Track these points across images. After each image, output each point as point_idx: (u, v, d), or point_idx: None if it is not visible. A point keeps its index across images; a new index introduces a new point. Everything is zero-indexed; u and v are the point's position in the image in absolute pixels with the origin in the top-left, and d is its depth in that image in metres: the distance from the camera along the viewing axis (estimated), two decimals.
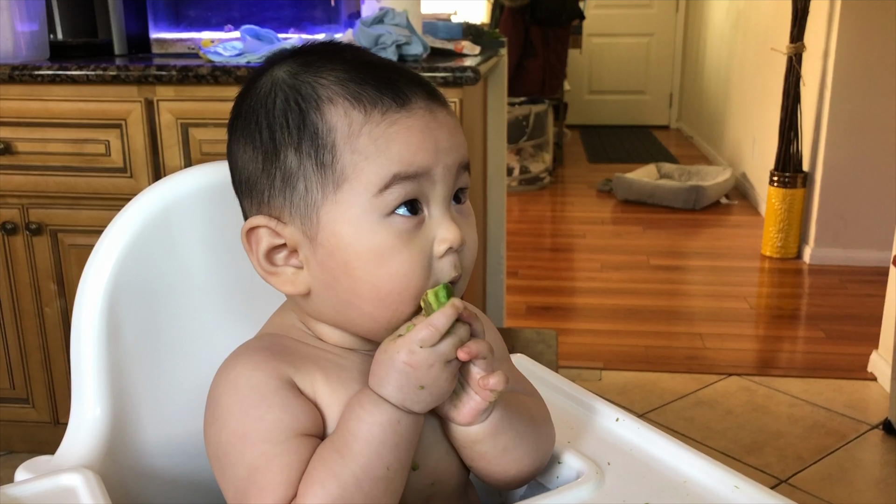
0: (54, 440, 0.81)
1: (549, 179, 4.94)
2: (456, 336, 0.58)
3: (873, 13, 3.13)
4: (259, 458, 0.57)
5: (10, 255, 1.76)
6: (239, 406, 0.59)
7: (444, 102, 0.63)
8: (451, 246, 0.60)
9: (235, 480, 0.58)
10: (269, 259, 0.63)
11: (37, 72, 1.64)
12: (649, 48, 7.03)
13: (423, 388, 0.57)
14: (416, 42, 1.69)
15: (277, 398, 0.59)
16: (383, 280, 0.59)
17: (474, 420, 0.62)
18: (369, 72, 0.61)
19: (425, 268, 0.60)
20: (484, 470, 0.66)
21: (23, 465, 0.70)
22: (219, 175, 0.83)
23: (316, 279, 0.62)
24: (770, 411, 2.16)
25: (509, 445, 0.64)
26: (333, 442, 0.57)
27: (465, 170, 0.63)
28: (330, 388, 0.61)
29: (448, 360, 0.58)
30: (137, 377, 0.78)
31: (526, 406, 0.68)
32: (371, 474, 0.56)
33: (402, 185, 0.58)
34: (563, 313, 2.95)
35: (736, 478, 0.67)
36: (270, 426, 0.58)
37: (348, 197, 0.59)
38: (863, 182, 3.30)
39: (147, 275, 0.78)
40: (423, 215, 0.60)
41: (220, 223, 0.82)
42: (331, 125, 0.59)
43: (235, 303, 0.83)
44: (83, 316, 0.75)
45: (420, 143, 0.59)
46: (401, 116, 0.59)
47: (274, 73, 0.62)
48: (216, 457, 0.60)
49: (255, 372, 0.60)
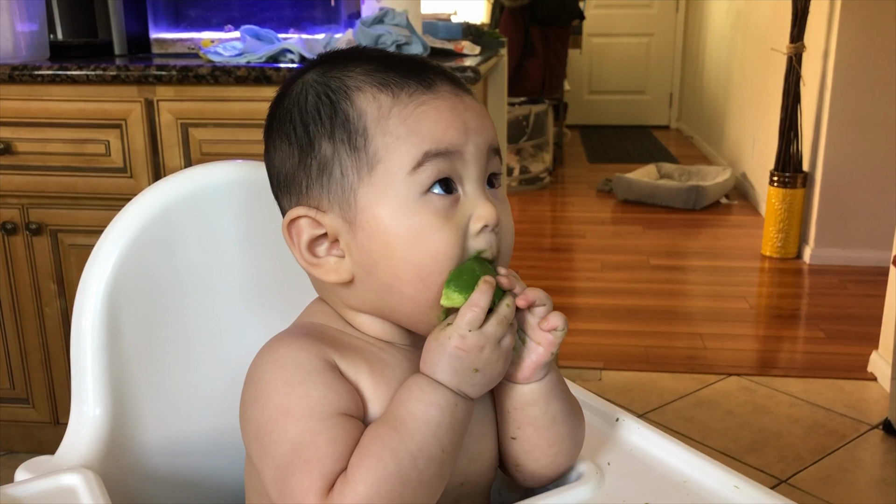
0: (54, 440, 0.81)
1: (549, 179, 4.94)
2: (500, 313, 0.59)
3: (873, 13, 3.13)
4: (304, 434, 0.57)
5: (10, 255, 1.76)
6: (284, 382, 0.59)
7: (468, 90, 0.65)
8: (486, 224, 0.61)
9: (277, 457, 0.57)
10: (311, 251, 0.63)
11: (37, 72, 1.64)
12: (649, 48, 7.03)
13: (478, 370, 0.58)
14: (416, 42, 1.69)
15: (322, 377, 0.59)
16: (424, 259, 0.60)
17: (533, 375, 0.64)
18: (394, 62, 0.63)
19: (462, 246, 0.60)
20: (529, 442, 0.66)
21: (23, 465, 0.70)
22: (219, 175, 0.83)
23: (357, 265, 0.62)
24: (770, 411, 2.16)
25: (559, 416, 0.65)
26: (388, 421, 0.57)
27: (496, 154, 0.64)
28: (373, 379, 0.62)
29: (498, 339, 0.59)
30: (137, 377, 0.78)
31: (572, 395, 0.69)
32: (427, 453, 0.56)
33: (434, 162, 0.59)
34: (563, 313, 2.94)
35: (736, 478, 0.67)
36: (315, 402, 0.58)
37: (383, 178, 0.60)
38: (863, 182, 3.30)
39: (147, 275, 0.78)
40: (458, 194, 0.61)
41: (220, 223, 0.82)
42: (361, 110, 0.61)
43: (235, 302, 0.83)
44: (83, 316, 0.75)
45: (450, 122, 0.61)
46: (428, 98, 0.61)
47: (304, 78, 0.65)
48: (256, 435, 0.59)
49: (301, 352, 0.60)
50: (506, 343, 0.60)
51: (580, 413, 0.69)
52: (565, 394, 0.67)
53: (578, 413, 0.69)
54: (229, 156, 1.60)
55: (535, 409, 0.65)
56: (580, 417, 0.69)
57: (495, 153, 0.64)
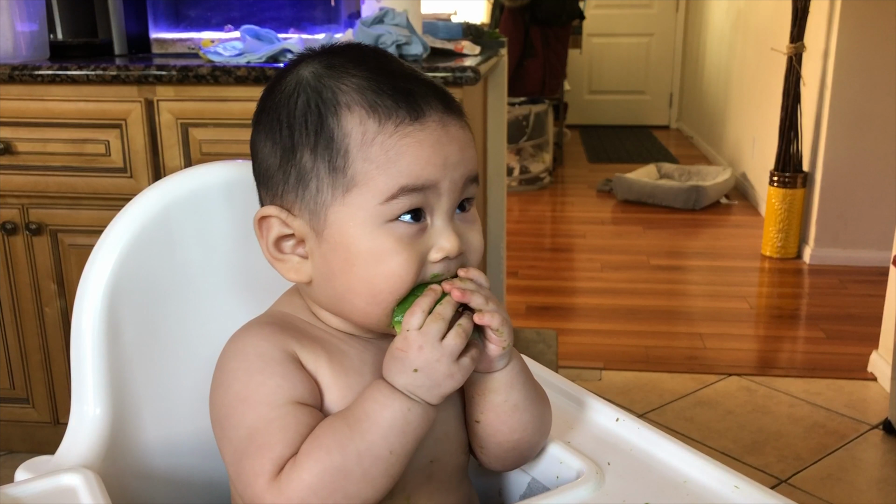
0: (54, 440, 0.81)
1: (549, 179, 4.94)
2: (435, 312, 0.61)
3: (873, 13, 3.13)
4: (258, 420, 0.60)
5: (10, 255, 1.76)
6: (244, 371, 0.63)
7: (459, 114, 0.66)
8: (447, 255, 0.63)
9: (235, 441, 0.61)
10: (277, 246, 0.67)
11: (37, 72, 1.64)
12: (649, 48, 7.03)
13: (417, 370, 0.60)
14: (416, 42, 1.69)
15: (280, 367, 0.63)
16: (377, 279, 0.62)
17: (491, 366, 0.66)
18: (389, 81, 0.63)
19: (417, 271, 0.63)
20: (492, 426, 0.69)
21: (23, 465, 0.70)
22: (219, 175, 0.83)
23: (318, 270, 0.65)
24: (770, 411, 2.16)
25: (520, 404, 0.68)
26: (346, 417, 0.60)
27: (472, 182, 0.66)
28: (332, 368, 0.65)
29: (437, 337, 0.60)
30: (137, 377, 0.78)
31: (537, 384, 0.72)
32: (374, 453, 0.59)
33: (408, 196, 0.62)
34: (563, 313, 2.95)
35: (736, 478, 0.67)
36: (270, 391, 0.61)
37: (356, 201, 0.62)
38: (863, 182, 3.30)
39: (147, 275, 0.78)
40: (425, 223, 0.63)
41: (220, 223, 0.82)
42: (346, 131, 0.62)
43: (236, 302, 0.83)
44: (83, 316, 0.75)
45: (429, 158, 0.62)
46: (413, 130, 0.62)
47: (300, 73, 0.65)
48: (218, 419, 0.64)
49: (262, 342, 0.64)
50: (450, 344, 0.60)
51: (545, 402, 0.72)
52: (528, 383, 0.69)
53: (543, 402, 0.71)
54: (229, 156, 1.59)
55: (496, 396, 0.68)
56: (545, 406, 0.71)
57: (473, 181, 0.66)
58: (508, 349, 0.66)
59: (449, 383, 0.61)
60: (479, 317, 0.63)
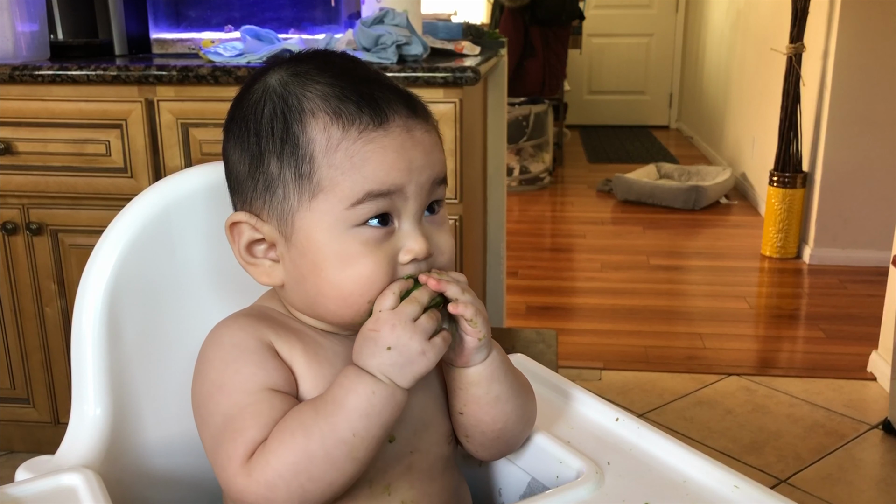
0: (54, 440, 0.81)
1: (549, 179, 4.94)
2: (410, 295, 0.62)
3: (873, 13, 3.13)
4: (233, 407, 0.62)
5: (10, 255, 1.77)
6: (220, 360, 0.65)
7: (425, 118, 0.66)
8: (415, 257, 0.64)
9: (212, 427, 0.63)
10: (249, 251, 0.68)
11: (37, 72, 1.64)
12: (649, 48, 7.03)
13: (391, 348, 0.61)
14: (416, 42, 1.69)
15: (255, 356, 0.64)
16: (346, 282, 0.64)
17: (469, 360, 0.67)
18: (353, 87, 0.64)
19: (389, 273, 0.64)
20: (474, 417, 0.70)
21: (23, 465, 0.70)
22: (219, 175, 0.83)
23: (289, 274, 0.67)
24: (770, 411, 2.16)
25: (502, 396, 0.69)
26: (315, 402, 0.62)
27: (440, 184, 0.67)
28: (307, 359, 0.66)
29: (410, 318, 0.61)
30: (137, 377, 0.78)
31: (520, 375, 0.73)
32: (337, 436, 0.60)
33: (374, 201, 0.63)
34: (563, 313, 2.95)
35: (736, 478, 0.67)
36: (245, 379, 0.63)
37: (323, 206, 0.63)
38: (863, 182, 3.30)
39: (147, 275, 0.78)
40: (392, 226, 0.64)
41: (219, 223, 0.82)
42: (310, 137, 0.63)
43: (235, 302, 0.83)
44: (83, 316, 0.75)
45: (394, 163, 0.63)
46: (377, 135, 0.63)
47: (267, 80, 0.66)
48: (196, 407, 0.66)
49: (239, 332, 0.66)
50: (423, 323, 0.61)
51: (529, 392, 0.73)
52: (509, 375, 0.70)
53: (527, 393, 0.73)
54: None
55: (477, 389, 0.68)
56: (528, 397, 0.73)
57: (440, 183, 0.66)
58: (485, 341, 0.67)
59: (422, 361, 0.61)
60: (453, 306, 0.64)
